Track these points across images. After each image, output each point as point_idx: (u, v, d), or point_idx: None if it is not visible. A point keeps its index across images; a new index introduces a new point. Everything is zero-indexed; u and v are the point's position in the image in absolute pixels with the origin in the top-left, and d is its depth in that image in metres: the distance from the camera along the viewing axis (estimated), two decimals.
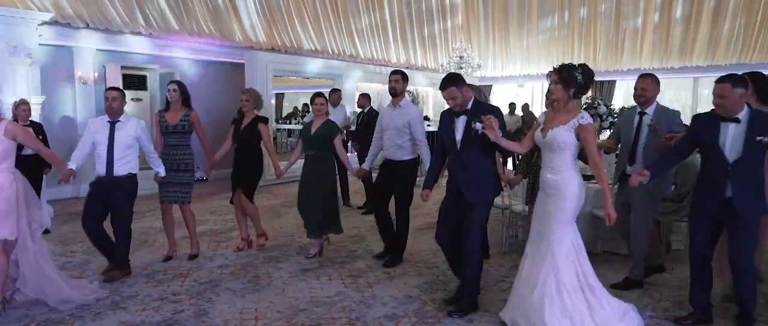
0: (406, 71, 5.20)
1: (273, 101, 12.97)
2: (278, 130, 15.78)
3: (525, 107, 15.06)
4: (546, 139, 3.31)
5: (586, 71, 3.25)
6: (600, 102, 9.41)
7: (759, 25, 12.65)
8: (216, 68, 11.33)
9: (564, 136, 3.23)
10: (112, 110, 4.35)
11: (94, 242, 4.47)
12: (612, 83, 15.38)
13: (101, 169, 4.36)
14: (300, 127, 10.93)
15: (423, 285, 4.32)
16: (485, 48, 15.84)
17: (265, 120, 5.24)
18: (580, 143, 3.26)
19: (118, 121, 4.39)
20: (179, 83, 4.98)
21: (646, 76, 4.11)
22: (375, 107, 8.44)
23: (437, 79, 17.86)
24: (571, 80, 3.23)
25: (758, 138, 3.11)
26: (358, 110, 8.17)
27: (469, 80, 16.58)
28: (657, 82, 4.07)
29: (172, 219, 5.06)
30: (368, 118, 7.50)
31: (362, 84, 13.11)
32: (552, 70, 3.34)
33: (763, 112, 3.36)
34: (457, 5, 14.80)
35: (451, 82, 3.67)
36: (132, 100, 10.22)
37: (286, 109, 18.14)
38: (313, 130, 5.02)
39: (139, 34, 9.31)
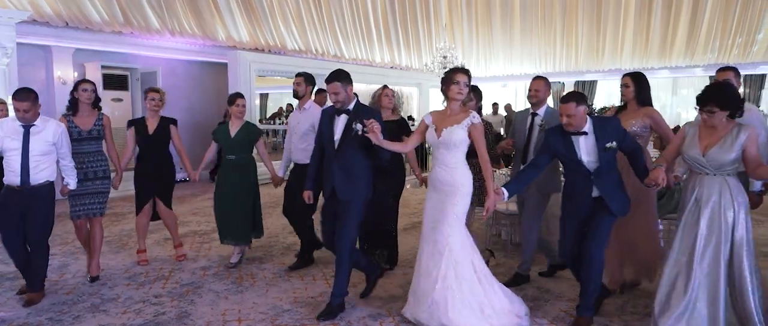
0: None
1: (257, 101, 12.90)
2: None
3: (508, 107, 15.14)
4: (441, 138, 3.44)
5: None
6: None
7: (736, 26, 12.92)
8: (199, 68, 11.22)
9: (459, 134, 3.40)
10: (26, 121, 3.84)
11: (10, 253, 3.99)
12: (593, 83, 15.59)
13: (14, 179, 3.85)
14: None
15: (407, 284, 4.30)
16: (469, 48, 15.93)
17: (175, 121, 4.99)
18: (470, 141, 3.45)
19: (33, 124, 3.89)
20: (93, 83, 4.63)
21: (539, 79, 4.29)
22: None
23: (422, 79, 17.73)
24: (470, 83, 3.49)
25: (607, 145, 3.31)
26: None
27: None
28: (549, 84, 4.28)
29: (88, 233, 4.56)
30: None
31: None
32: (463, 71, 3.48)
33: (601, 118, 3.53)
34: (440, 5, 14.86)
35: (337, 77, 3.62)
36: (112, 100, 10.08)
37: (271, 109, 18.10)
38: (232, 134, 4.75)
39: (119, 33, 9.19)
